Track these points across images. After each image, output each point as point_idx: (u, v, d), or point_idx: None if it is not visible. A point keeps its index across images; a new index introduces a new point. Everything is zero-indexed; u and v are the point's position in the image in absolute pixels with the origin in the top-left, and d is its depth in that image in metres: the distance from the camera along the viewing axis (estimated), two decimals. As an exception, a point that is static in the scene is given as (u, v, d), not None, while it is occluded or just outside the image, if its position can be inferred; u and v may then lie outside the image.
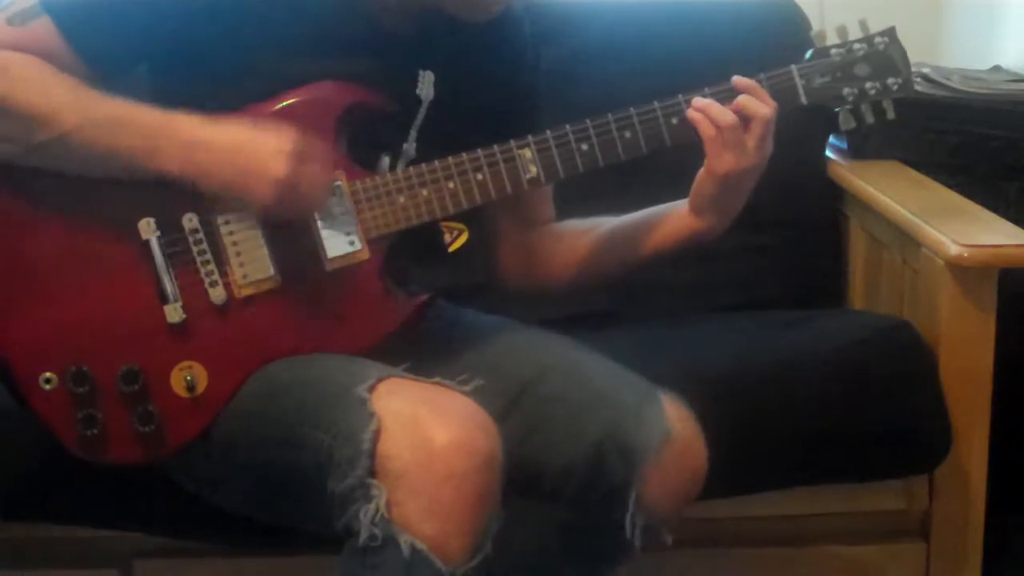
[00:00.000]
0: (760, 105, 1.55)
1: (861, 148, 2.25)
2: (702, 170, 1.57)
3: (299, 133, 1.46)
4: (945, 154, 2.22)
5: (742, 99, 1.55)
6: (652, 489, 1.47)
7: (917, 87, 2.20)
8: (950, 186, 2.13)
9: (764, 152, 1.56)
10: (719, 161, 1.55)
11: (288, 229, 1.51)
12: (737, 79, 1.56)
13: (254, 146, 1.45)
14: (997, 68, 2.40)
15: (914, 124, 2.17)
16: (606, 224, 1.71)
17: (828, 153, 2.29)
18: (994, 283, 1.84)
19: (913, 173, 2.21)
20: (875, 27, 1.62)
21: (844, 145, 2.29)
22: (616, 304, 2.14)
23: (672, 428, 1.48)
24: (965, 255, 1.80)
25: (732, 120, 1.54)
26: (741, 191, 1.59)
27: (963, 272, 1.82)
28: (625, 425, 1.47)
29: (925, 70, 2.28)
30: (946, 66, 2.36)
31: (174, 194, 1.49)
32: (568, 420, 1.49)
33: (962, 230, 1.86)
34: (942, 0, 2.63)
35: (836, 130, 2.25)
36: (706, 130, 1.54)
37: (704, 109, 1.55)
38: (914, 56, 1.66)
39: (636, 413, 1.48)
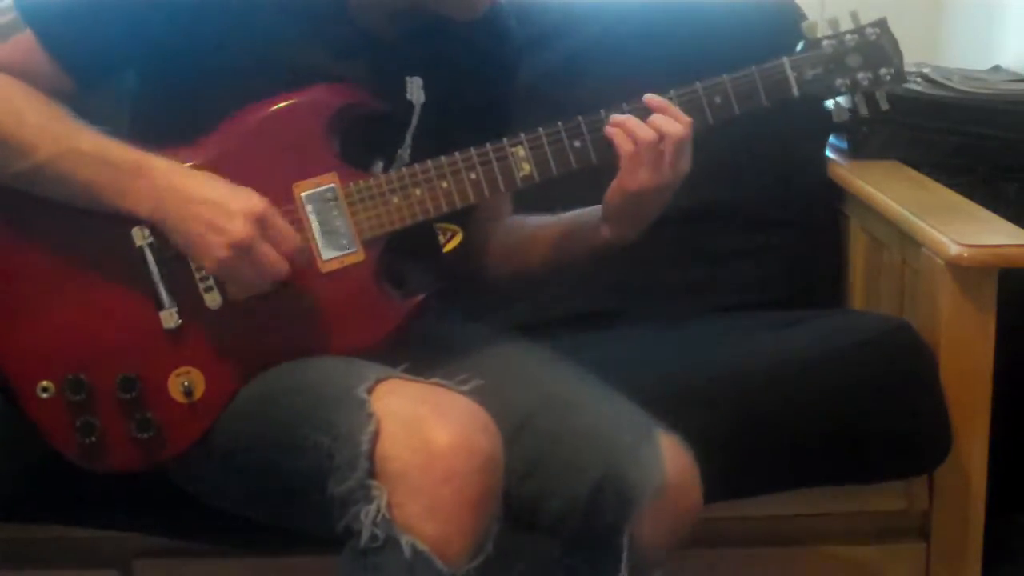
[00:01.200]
0: (672, 123, 1.52)
1: (861, 148, 2.25)
2: (614, 183, 1.54)
3: (269, 205, 1.45)
4: (945, 154, 2.22)
5: (655, 118, 1.52)
6: (645, 531, 1.47)
7: (917, 87, 2.21)
8: (950, 186, 2.13)
9: (679, 170, 1.53)
10: (632, 178, 1.52)
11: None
12: (648, 97, 1.54)
13: (221, 202, 1.44)
14: (997, 68, 2.40)
15: (914, 124, 2.17)
16: (537, 223, 1.70)
17: (828, 153, 2.29)
18: (994, 283, 1.83)
19: (913, 173, 2.20)
20: (867, 19, 1.61)
21: (844, 145, 2.29)
22: (616, 304, 2.14)
23: (668, 470, 1.47)
24: (965, 255, 1.80)
25: (651, 136, 1.51)
26: (654, 206, 1.56)
27: (963, 272, 1.82)
28: (622, 466, 1.46)
29: (925, 70, 2.28)
30: (946, 66, 2.36)
31: None
32: (567, 459, 1.48)
33: (962, 230, 1.86)
34: (942, 0, 2.63)
35: (836, 130, 2.26)
36: (623, 145, 1.52)
37: (622, 124, 1.52)
38: (914, 56, 1.66)
39: (634, 454, 1.47)
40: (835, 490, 1.90)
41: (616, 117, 1.53)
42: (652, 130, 1.51)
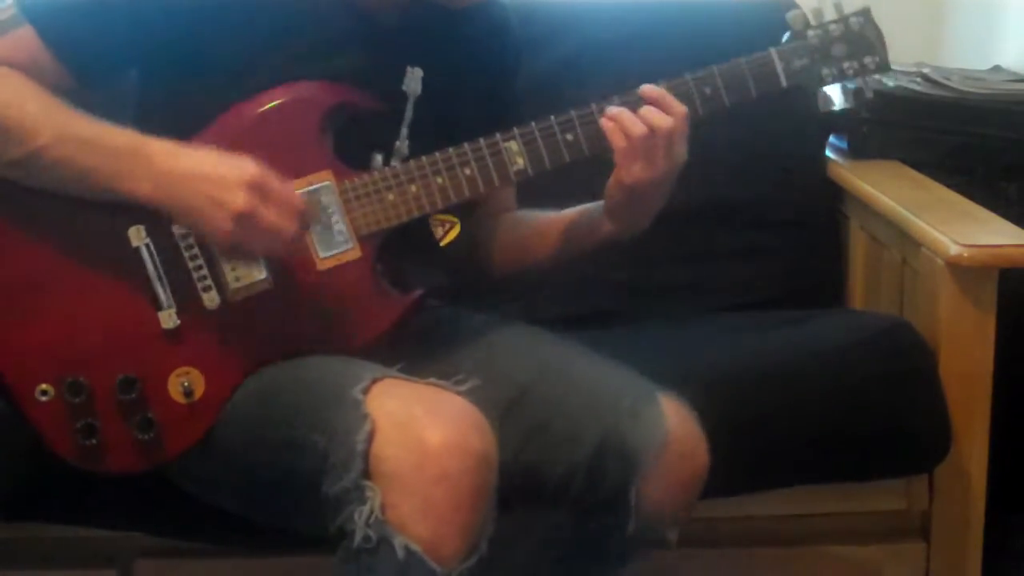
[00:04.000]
0: (663, 117, 1.51)
1: (861, 148, 2.25)
2: (611, 178, 1.55)
3: (265, 170, 1.45)
4: (945, 154, 2.22)
5: (646, 110, 1.52)
6: (652, 491, 1.47)
7: (917, 87, 2.21)
8: (950, 186, 2.13)
9: (673, 161, 1.53)
10: (627, 172, 1.52)
11: None
12: (644, 88, 1.54)
13: (218, 176, 1.44)
14: (997, 68, 2.40)
15: (914, 124, 2.17)
16: (542, 218, 1.71)
17: (828, 153, 2.29)
18: (994, 283, 1.83)
19: (913, 173, 2.20)
20: (850, 8, 1.62)
21: (844, 145, 2.29)
22: (616, 304, 2.14)
23: (670, 429, 1.47)
24: (965, 255, 1.80)
25: (642, 131, 1.51)
26: (654, 198, 1.57)
27: (963, 272, 1.82)
28: (622, 428, 1.46)
29: (925, 70, 2.28)
30: (946, 66, 2.37)
31: None
32: (567, 425, 1.49)
33: (962, 230, 1.86)
34: (942, 0, 2.63)
35: (836, 130, 2.26)
36: (616, 141, 1.52)
37: (615, 118, 1.52)
38: (914, 56, 1.66)
39: (633, 415, 1.47)
40: (835, 490, 1.90)
41: (610, 110, 1.53)
42: (644, 124, 1.51)
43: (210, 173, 1.44)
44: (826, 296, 2.24)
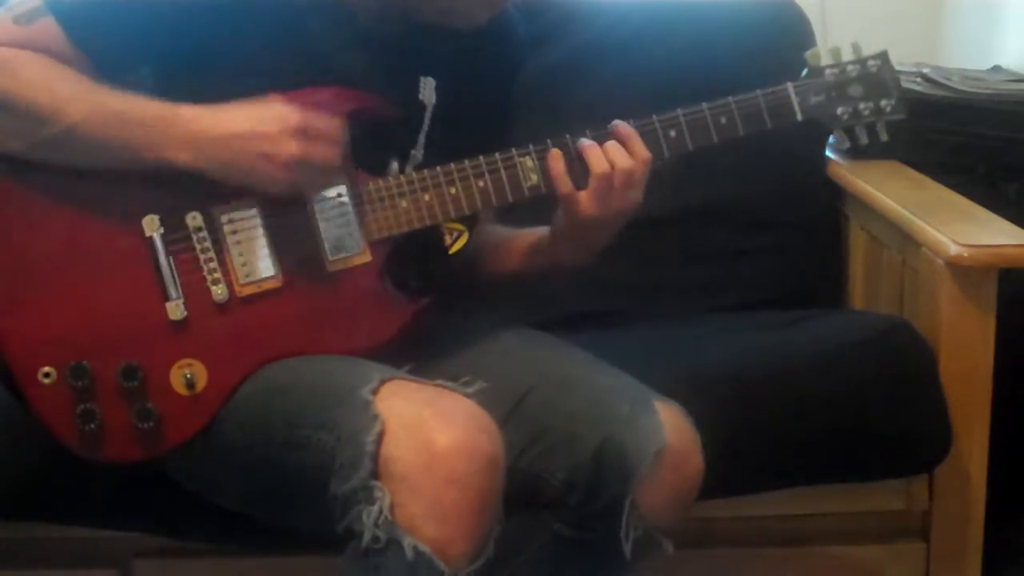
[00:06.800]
0: (625, 157, 1.53)
1: (861, 148, 2.25)
2: (560, 208, 1.56)
3: (303, 110, 1.46)
4: (945, 154, 2.22)
5: (609, 146, 1.53)
6: (647, 498, 1.47)
7: (917, 87, 2.21)
8: (950, 186, 2.13)
9: (627, 204, 1.54)
10: (577, 207, 1.54)
11: (291, 229, 1.52)
12: (616, 124, 1.55)
13: (262, 130, 1.45)
14: (997, 68, 2.40)
15: (914, 124, 2.17)
16: (510, 234, 1.72)
17: (828, 153, 2.29)
18: (994, 283, 1.84)
19: (913, 173, 2.21)
20: (868, 47, 1.64)
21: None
22: (617, 304, 2.14)
23: (667, 437, 1.47)
24: (965, 255, 1.80)
25: (602, 169, 1.52)
26: (600, 236, 1.58)
27: (963, 272, 1.82)
28: (620, 435, 1.46)
29: (925, 70, 2.28)
30: (946, 66, 2.36)
31: (179, 192, 1.50)
32: (565, 431, 1.49)
33: (962, 230, 1.86)
34: (942, 0, 2.63)
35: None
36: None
37: (583, 152, 1.53)
38: (914, 56, 1.67)
39: (632, 422, 1.47)
40: (835, 490, 1.90)
41: (583, 142, 1.54)
42: (605, 162, 1.52)
43: (253, 130, 1.46)
44: (826, 296, 2.24)
